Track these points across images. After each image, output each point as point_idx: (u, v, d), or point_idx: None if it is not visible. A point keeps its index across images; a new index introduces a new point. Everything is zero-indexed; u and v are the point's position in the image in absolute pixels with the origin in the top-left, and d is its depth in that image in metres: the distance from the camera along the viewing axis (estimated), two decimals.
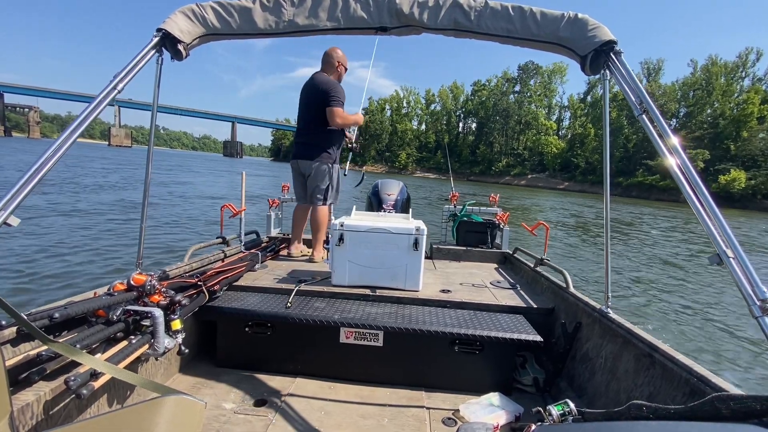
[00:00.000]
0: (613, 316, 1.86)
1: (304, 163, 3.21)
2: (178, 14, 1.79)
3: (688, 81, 61.88)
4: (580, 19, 1.73)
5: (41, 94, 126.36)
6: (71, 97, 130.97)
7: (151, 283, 1.69)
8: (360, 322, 2.02)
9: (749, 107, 51.56)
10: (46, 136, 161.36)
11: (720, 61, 59.73)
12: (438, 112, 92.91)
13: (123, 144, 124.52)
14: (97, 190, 14.79)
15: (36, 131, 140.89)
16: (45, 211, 9.48)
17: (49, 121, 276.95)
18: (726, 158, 50.45)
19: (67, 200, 11.50)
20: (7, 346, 1.26)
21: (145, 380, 1.33)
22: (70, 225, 8.31)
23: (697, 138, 53.71)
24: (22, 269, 5.32)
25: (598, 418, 1.02)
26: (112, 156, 47.78)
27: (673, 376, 1.39)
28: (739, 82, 59.15)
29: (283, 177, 4.68)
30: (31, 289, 4.76)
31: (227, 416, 1.69)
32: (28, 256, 5.91)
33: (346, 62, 3.31)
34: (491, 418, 1.69)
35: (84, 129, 1.48)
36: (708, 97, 57.94)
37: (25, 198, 1.25)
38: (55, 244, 6.68)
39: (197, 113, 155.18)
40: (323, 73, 3.22)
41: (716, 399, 0.80)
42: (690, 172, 1.35)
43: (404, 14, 1.80)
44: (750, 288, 1.10)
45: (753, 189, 44.81)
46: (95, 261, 6.04)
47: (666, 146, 1.43)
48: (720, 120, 54.47)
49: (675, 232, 16.20)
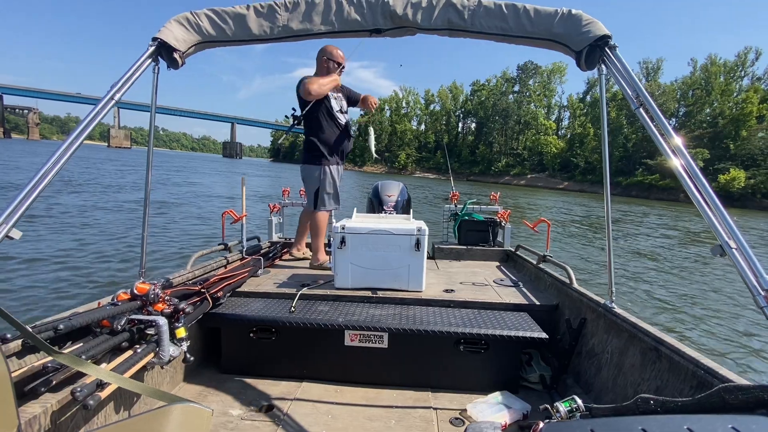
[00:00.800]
0: (617, 310, 1.86)
1: (301, 167, 3.19)
2: (173, 23, 1.80)
3: (687, 80, 61.86)
4: (573, 15, 1.74)
5: (41, 95, 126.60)
6: (71, 98, 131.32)
7: (155, 291, 1.69)
8: (364, 324, 2.02)
9: (748, 106, 51.56)
10: (45, 137, 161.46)
11: (719, 60, 59.78)
12: (437, 112, 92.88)
13: (122, 145, 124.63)
14: (100, 192, 14.80)
15: (35, 133, 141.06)
16: (46, 219, 9.47)
17: (48, 122, 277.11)
18: (725, 157, 50.42)
19: (69, 206, 11.49)
20: (12, 359, 1.26)
21: (151, 389, 1.34)
22: (72, 234, 8.29)
23: (696, 137, 53.68)
24: (24, 282, 5.33)
25: (606, 413, 1.01)
26: (115, 157, 47.83)
27: (679, 369, 1.39)
28: (738, 81, 59.15)
29: (283, 178, 4.67)
30: (34, 301, 4.77)
31: (234, 423, 1.69)
32: (31, 267, 5.91)
33: (338, 57, 3.05)
34: (499, 416, 1.69)
35: (83, 139, 1.49)
36: (707, 97, 57.95)
37: (26, 211, 1.26)
38: (57, 254, 6.67)
39: (196, 114, 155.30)
40: (309, 75, 3.07)
41: (723, 390, 0.79)
42: (690, 165, 1.35)
43: (398, 15, 1.80)
44: (754, 278, 1.09)
45: (752, 188, 44.78)
46: (98, 271, 6.03)
47: (664, 140, 1.43)
48: (719, 119, 54.43)
49: (675, 230, 16.20)
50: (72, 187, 15.49)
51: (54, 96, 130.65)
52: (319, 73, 3.05)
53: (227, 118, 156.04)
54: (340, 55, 3.06)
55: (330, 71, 3.03)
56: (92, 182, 17.94)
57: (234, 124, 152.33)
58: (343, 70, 3.12)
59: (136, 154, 71.22)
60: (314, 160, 3.04)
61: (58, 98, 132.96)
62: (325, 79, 2.96)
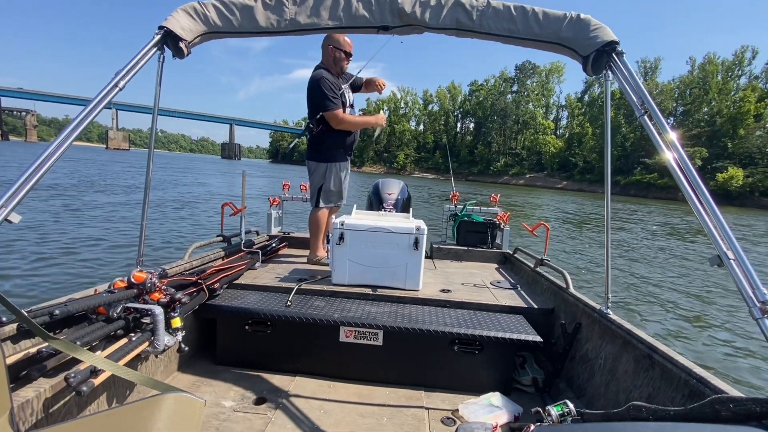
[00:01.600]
0: (612, 317, 1.86)
1: (307, 163, 3.10)
2: (180, 12, 1.79)
3: (685, 79, 62.10)
4: (582, 19, 1.74)
5: (38, 97, 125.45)
6: (68, 100, 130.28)
7: (152, 280, 1.69)
8: (360, 321, 2.02)
9: (746, 105, 51.78)
10: (43, 139, 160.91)
11: (717, 59, 59.96)
12: (436, 113, 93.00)
13: (121, 147, 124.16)
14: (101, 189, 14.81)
15: (33, 135, 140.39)
16: (46, 208, 9.48)
17: (46, 124, 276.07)
18: (723, 156, 50.69)
19: (67, 199, 11.50)
20: (7, 343, 1.26)
21: (144, 378, 1.33)
22: (71, 223, 8.31)
23: (694, 136, 53.95)
24: (23, 266, 5.32)
25: (597, 418, 1.01)
26: (112, 158, 47.80)
27: (672, 378, 1.39)
28: (735, 80, 59.40)
29: (281, 178, 4.67)
30: (31, 285, 4.75)
31: (227, 414, 1.69)
32: (29, 253, 5.91)
33: (345, 45, 2.90)
34: (490, 418, 1.69)
35: (86, 125, 1.48)
36: (705, 96, 58.15)
37: (26, 195, 1.25)
38: (56, 241, 6.70)
39: (195, 115, 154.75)
40: (318, 67, 2.95)
41: (716, 401, 0.80)
42: (691, 174, 1.35)
43: (406, 13, 1.80)
44: (750, 290, 1.10)
45: (750, 186, 45.03)
46: (96, 258, 6.04)
47: (668, 148, 1.43)
48: (717, 118, 54.71)
49: (673, 230, 16.22)
50: (76, 186, 15.52)
51: (52, 98, 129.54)
52: (326, 62, 2.93)
53: (226, 119, 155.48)
54: (347, 43, 2.92)
55: (337, 60, 2.92)
56: (103, 183, 17.89)
57: (232, 125, 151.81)
58: (350, 58, 3.00)
59: (136, 156, 71.11)
60: (320, 157, 3.00)
61: (56, 100, 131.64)
62: (358, 119, 3.02)
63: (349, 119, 2.93)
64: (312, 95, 2.86)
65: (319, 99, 2.82)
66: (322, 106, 2.82)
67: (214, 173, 36.83)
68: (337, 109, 2.85)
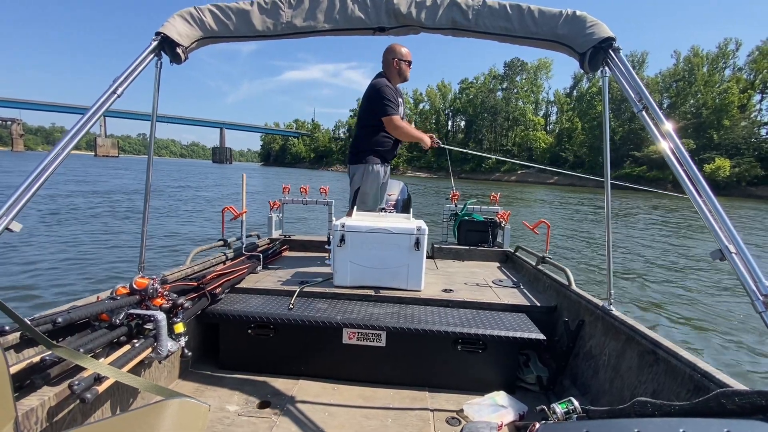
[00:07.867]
0: (615, 313, 1.86)
1: (349, 167, 3.20)
2: (177, 18, 1.80)
3: (670, 72, 62.78)
4: (578, 16, 1.74)
5: (24, 106, 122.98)
6: (55, 108, 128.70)
7: (154, 286, 1.69)
8: (362, 322, 2.02)
9: (730, 96, 52.53)
10: (30, 148, 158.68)
11: (702, 52, 60.76)
12: (426, 111, 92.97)
13: (110, 154, 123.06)
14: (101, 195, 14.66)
15: (20, 144, 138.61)
16: (47, 216, 9.37)
17: (32, 133, 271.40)
18: (710, 147, 51.26)
19: (65, 207, 11.36)
20: (11, 352, 1.26)
21: (148, 383, 1.33)
22: (71, 230, 8.24)
23: (681, 128, 54.44)
24: (24, 275, 5.31)
25: (602, 415, 1.01)
26: (105, 165, 47.27)
27: (677, 373, 1.39)
28: (720, 72, 60.16)
29: (276, 180, 4.66)
30: (33, 294, 4.74)
31: (231, 418, 1.69)
32: (31, 261, 5.89)
33: (407, 56, 3.05)
34: (495, 417, 1.69)
35: (85, 133, 1.48)
36: (690, 88, 58.89)
37: (27, 203, 1.25)
38: (57, 249, 6.68)
39: (185, 120, 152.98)
40: (379, 75, 3.08)
41: (721, 395, 0.80)
42: (691, 169, 1.35)
43: (402, 14, 1.81)
44: (753, 283, 1.10)
45: (737, 176, 45.68)
46: (97, 265, 6.02)
47: (667, 142, 1.43)
48: (703, 110, 55.33)
49: (667, 222, 16.40)
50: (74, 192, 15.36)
51: (38, 106, 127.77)
52: (388, 73, 3.05)
53: (216, 123, 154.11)
54: (408, 53, 3.07)
55: (402, 71, 3.06)
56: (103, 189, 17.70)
57: (223, 129, 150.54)
58: (411, 66, 3.14)
59: (124, 162, 70.31)
60: (357, 160, 3.09)
61: (42, 108, 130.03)
62: (413, 130, 3.11)
63: (406, 126, 3.06)
64: (372, 100, 2.96)
65: (380, 103, 2.93)
66: (383, 111, 2.93)
67: (207, 177, 36.59)
68: (397, 114, 2.96)
